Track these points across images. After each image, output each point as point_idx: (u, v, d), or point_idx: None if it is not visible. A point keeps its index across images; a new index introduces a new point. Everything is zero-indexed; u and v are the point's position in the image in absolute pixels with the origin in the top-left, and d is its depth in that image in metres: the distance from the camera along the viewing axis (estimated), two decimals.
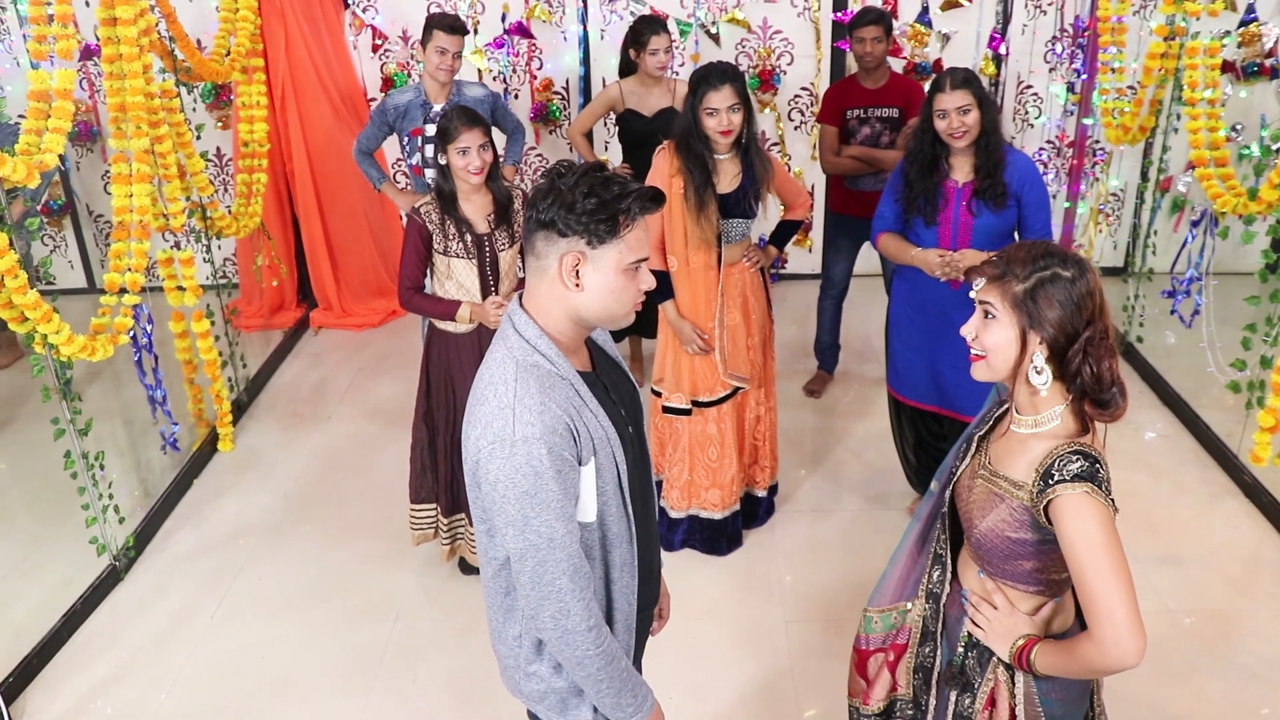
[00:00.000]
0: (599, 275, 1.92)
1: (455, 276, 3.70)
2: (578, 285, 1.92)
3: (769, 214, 4.21)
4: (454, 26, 4.74)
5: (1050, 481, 1.90)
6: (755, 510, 4.38)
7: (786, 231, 4.21)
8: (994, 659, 2.13)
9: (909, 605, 2.35)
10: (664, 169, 3.80)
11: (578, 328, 2.00)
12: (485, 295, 3.73)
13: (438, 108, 4.78)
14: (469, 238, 3.66)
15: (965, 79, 3.61)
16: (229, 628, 3.96)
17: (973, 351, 2.03)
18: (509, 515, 1.89)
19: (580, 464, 1.94)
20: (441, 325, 3.81)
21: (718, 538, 4.22)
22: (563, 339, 1.99)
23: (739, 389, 4.05)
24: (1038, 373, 1.95)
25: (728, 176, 3.82)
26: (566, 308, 1.96)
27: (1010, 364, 1.98)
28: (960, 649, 2.20)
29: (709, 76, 3.67)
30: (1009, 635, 2.09)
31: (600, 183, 1.88)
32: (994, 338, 1.98)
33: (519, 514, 1.88)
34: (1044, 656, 2.03)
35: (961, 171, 3.74)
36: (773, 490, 4.42)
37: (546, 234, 1.91)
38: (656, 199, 1.93)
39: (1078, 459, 1.90)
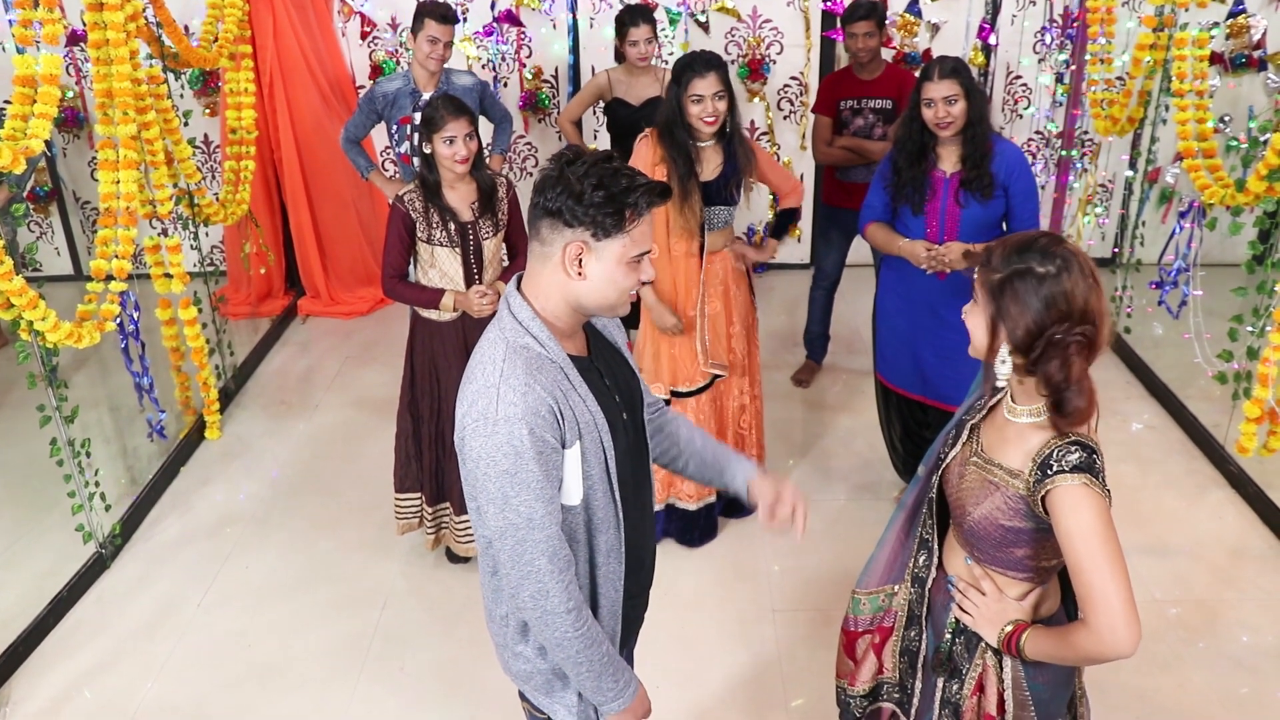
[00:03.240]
0: (600, 266, 1.93)
1: (439, 265, 3.70)
2: (580, 274, 1.93)
3: (753, 206, 4.19)
4: (445, 15, 4.72)
5: (1049, 472, 1.91)
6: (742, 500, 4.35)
7: (784, 221, 4.18)
8: (981, 644, 2.14)
9: (895, 589, 2.37)
10: (647, 157, 3.78)
11: (575, 314, 2.01)
12: (469, 284, 3.72)
13: (427, 96, 4.76)
14: (452, 226, 3.65)
15: (953, 68, 3.60)
16: (216, 616, 3.95)
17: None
18: (490, 493, 1.90)
19: (564, 447, 1.94)
20: (425, 314, 3.80)
21: (690, 528, 4.20)
22: (559, 324, 2.00)
23: (717, 377, 4.04)
24: (1002, 363, 1.96)
25: (710, 164, 3.81)
26: (566, 294, 1.96)
27: (984, 349, 2.00)
28: (948, 635, 2.21)
29: (694, 64, 3.66)
30: (997, 621, 2.10)
31: (609, 175, 1.88)
32: (972, 321, 2.01)
33: (499, 492, 1.89)
34: (1035, 643, 2.04)
35: (949, 162, 3.73)
36: None
37: (552, 222, 1.91)
38: (664, 194, 1.95)
39: (1076, 449, 1.91)
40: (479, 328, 3.65)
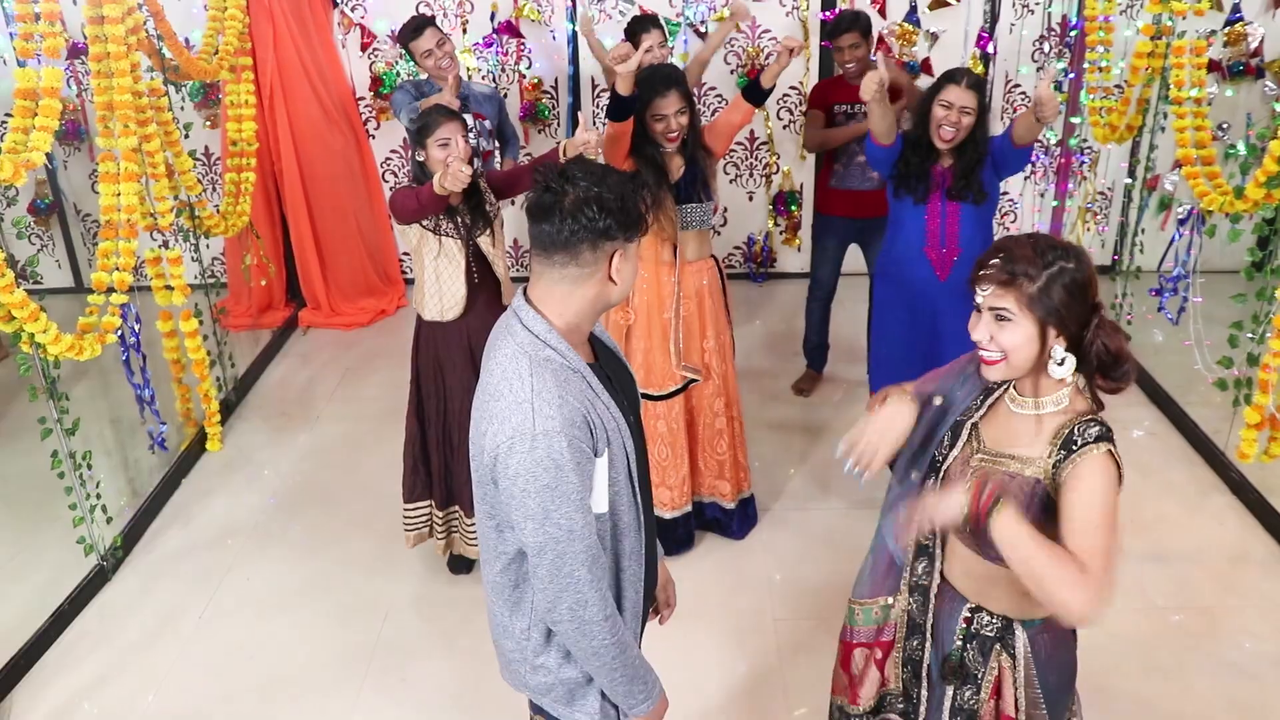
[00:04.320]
0: (629, 264, 1.99)
1: (445, 254, 3.69)
2: (614, 279, 1.98)
3: (752, 212, 4.18)
4: (416, 28, 4.77)
5: (1074, 448, 1.96)
6: (727, 521, 4.30)
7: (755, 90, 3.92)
8: (996, 648, 2.13)
9: (891, 600, 2.36)
10: (620, 154, 3.75)
11: (593, 319, 2.05)
12: (469, 279, 3.71)
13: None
14: (457, 219, 3.67)
15: (978, 83, 3.69)
16: (217, 628, 3.95)
17: (988, 355, 2.03)
18: (529, 509, 1.89)
19: (596, 455, 1.96)
20: (429, 316, 3.79)
21: (666, 538, 4.11)
22: (575, 334, 2.02)
23: (691, 382, 4.01)
24: (1059, 364, 1.98)
25: (675, 166, 3.81)
26: (597, 301, 2.00)
27: (1030, 361, 2.00)
28: (958, 642, 2.19)
29: (654, 83, 3.65)
30: (949, 504, 1.98)
31: (619, 181, 1.94)
32: (1012, 339, 1.99)
33: (539, 507, 1.88)
34: (1012, 526, 1.92)
35: (946, 160, 3.83)
36: (746, 503, 4.34)
37: (596, 241, 1.92)
38: (657, 181, 2.02)
39: (1095, 424, 1.97)
40: (484, 329, 3.64)
